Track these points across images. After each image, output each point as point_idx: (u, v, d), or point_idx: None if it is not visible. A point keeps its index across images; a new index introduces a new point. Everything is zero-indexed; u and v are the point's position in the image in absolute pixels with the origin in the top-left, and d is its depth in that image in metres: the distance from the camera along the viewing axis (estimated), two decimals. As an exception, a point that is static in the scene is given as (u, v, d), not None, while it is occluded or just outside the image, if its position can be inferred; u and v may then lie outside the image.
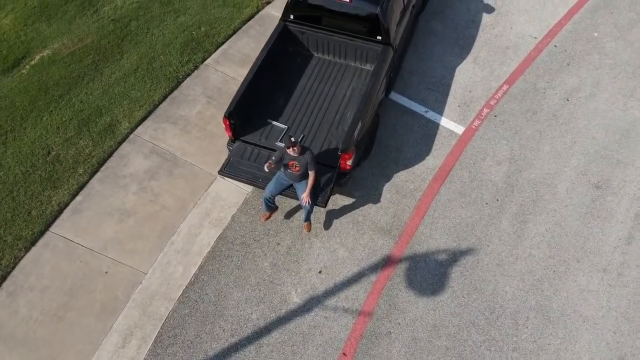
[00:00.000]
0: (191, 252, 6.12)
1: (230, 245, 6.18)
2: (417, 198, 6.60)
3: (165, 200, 6.50)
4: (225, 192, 6.60)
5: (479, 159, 6.96)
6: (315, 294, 5.85)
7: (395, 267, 6.05)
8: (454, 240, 6.26)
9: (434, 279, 5.96)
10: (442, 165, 6.90)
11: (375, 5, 6.20)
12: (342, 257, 6.12)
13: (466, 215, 6.45)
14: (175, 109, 7.34)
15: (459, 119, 7.36)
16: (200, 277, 5.95)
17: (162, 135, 7.06)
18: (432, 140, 7.14)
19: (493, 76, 7.86)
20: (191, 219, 6.38)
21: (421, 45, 8.20)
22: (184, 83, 7.61)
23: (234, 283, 5.91)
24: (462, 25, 8.51)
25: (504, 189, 6.67)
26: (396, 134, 7.18)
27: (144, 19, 8.32)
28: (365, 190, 6.64)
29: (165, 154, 6.89)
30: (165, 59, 7.79)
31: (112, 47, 7.94)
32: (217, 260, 6.06)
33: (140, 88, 7.46)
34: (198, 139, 7.05)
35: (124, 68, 7.68)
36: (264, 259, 6.09)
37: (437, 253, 6.15)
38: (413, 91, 7.64)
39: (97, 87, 7.47)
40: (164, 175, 6.70)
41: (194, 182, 6.67)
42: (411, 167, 6.87)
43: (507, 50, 8.19)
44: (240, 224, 6.34)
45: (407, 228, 6.34)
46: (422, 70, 7.89)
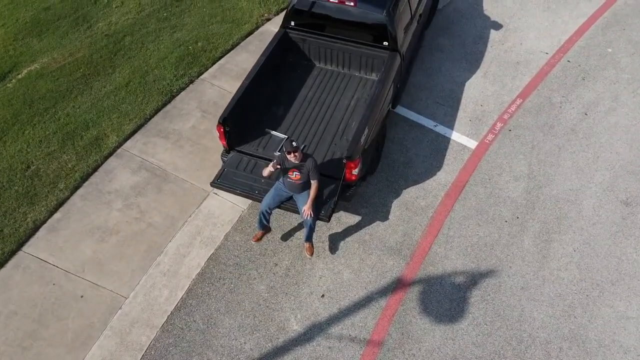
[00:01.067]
0: (179, 274, 5.47)
1: (222, 266, 5.54)
2: (429, 215, 6.00)
3: (153, 218, 5.91)
4: (219, 209, 6.01)
5: (495, 175, 6.42)
6: (317, 320, 5.15)
7: (408, 291, 5.38)
8: (472, 260, 5.61)
9: (452, 304, 5.28)
10: (455, 180, 6.35)
11: (382, 9, 5.84)
12: (348, 279, 5.46)
13: (484, 234, 5.84)
14: (167, 122, 6.87)
15: (471, 133, 6.88)
16: (188, 301, 5.27)
17: (153, 149, 6.55)
18: (443, 155, 6.62)
19: (505, 90, 7.43)
20: (180, 237, 5.77)
21: (428, 60, 7.84)
22: (178, 97, 7.19)
23: (225, 308, 5.23)
24: (470, 41, 8.18)
25: (524, 206, 6.09)
26: (404, 148, 6.67)
27: (139, 34, 8.00)
28: (371, 208, 6.06)
29: (155, 169, 6.36)
30: (159, 73, 7.40)
31: (104, 61, 7.57)
32: (207, 283, 5.40)
33: (131, 101, 7.02)
34: (191, 154, 6.54)
35: (115, 82, 7.28)
36: (259, 282, 5.43)
37: (453, 275, 5.50)
38: (421, 105, 7.20)
39: (85, 101, 7.03)
40: (152, 191, 6.14)
41: (184, 198, 6.10)
42: (421, 182, 6.32)
43: (518, 65, 7.81)
44: (235, 244, 5.72)
45: (419, 248, 5.71)
46: (430, 85, 7.48)
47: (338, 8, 5.98)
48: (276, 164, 5.00)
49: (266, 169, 4.99)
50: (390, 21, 5.87)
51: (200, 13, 8.45)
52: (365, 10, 5.90)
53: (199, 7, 8.57)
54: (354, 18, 6.00)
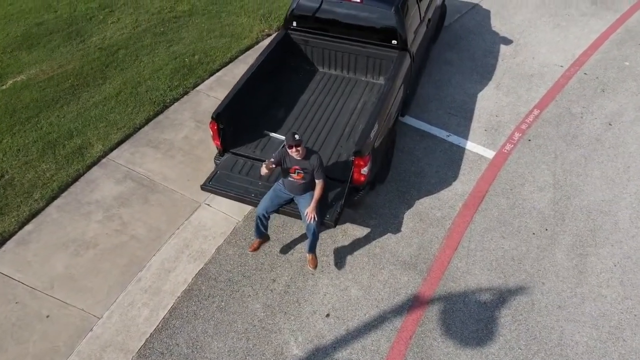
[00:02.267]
0: (162, 292, 4.75)
1: (212, 282, 4.83)
2: (446, 227, 5.34)
3: (136, 230, 5.25)
4: (211, 221, 5.37)
5: (517, 185, 5.81)
6: (321, 343, 4.38)
7: (426, 310, 4.63)
8: (499, 276, 4.90)
9: (479, 324, 4.52)
10: (473, 191, 5.73)
11: (390, 5, 5.47)
12: (356, 296, 4.73)
13: (510, 247, 5.16)
14: (158, 132, 6.35)
15: (488, 143, 6.33)
16: (171, 322, 4.52)
17: (140, 159, 5.99)
18: (459, 165, 6.04)
19: (520, 102, 6.97)
20: (166, 251, 5.09)
21: (436, 73, 7.43)
22: (171, 107, 6.72)
23: (214, 330, 4.47)
24: (479, 55, 7.82)
25: (553, 217, 5.44)
26: (415, 158, 6.11)
27: (134, 48, 7.65)
28: (381, 219, 5.41)
29: (142, 179, 5.77)
30: (152, 84, 6.97)
31: (95, 72, 7.17)
32: (194, 302, 4.67)
33: (121, 111, 6.54)
34: (182, 163, 5.97)
35: (105, 92, 6.84)
36: (254, 300, 4.70)
37: (478, 292, 4.77)
38: (431, 116, 6.70)
39: (71, 110, 6.56)
40: (137, 201, 5.52)
41: (173, 209, 5.47)
42: (436, 193, 5.70)
43: (532, 77, 7.40)
44: (227, 258, 5.03)
45: (436, 262, 5.02)
46: (440, 96, 7.02)
47: (343, 5, 5.61)
48: (275, 161, 4.43)
49: (264, 168, 4.40)
50: (399, 18, 5.48)
51: (199, 28, 8.16)
52: (373, 7, 5.52)
53: (197, 23, 8.30)
54: (360, 16, 5.62)
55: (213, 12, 8.59)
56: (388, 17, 5.49)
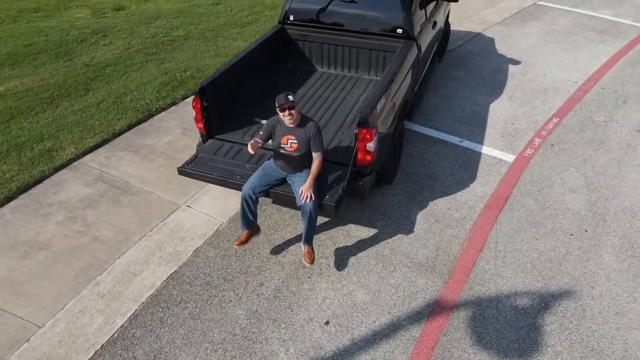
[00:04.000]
0: (123, 297, 3.85)
1: (186, 286, 3.94)
2: (467, 228, 4.52)
3: (100, 232, 4.44)
4: (190, 223, 4.57)
5: (545, 186, 5.06)
6: (319, 355, 3.42)
7: (450, 316, 3.70)
8: (536, 279, 4.01)
9: (518, 333, 3.56)
10: (494, 192, 4.98)
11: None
12: (363, 302, 3.81)
13: (546, 248, 4.30)
14: (140, 138, 5.74)
15: (506, 148, 5.67)
16: (130, 331, 3.58)
17: (116, 162, 5.31)
18: (475, 168, 5.34)
19: (537, 111, 6.41)
20: (133, 253, 4.25)
21: (442, 88, 6.96)
22: (157, 116, 6.16)
23: (183, 340, 3.52)
24: (487, 73, 7.40)
25: (592, 219, 4.63)
26: (425, 162, 5.42)
27: (123, 65, 7.27)
28: (390, 220, 4.61)
29: (115, 181, 5.06)
30: (138, 94, 6.47)
31: (78, 84, 6.71)
32: (161, 308, 3.76)
33: (100, 118, 5.97)
34: (163, 166, 5.28)
35: (86, 102, 6.32)
36: (237, 306, 3.78)
37: (513, 296, 3.85)
38: (441, 124, 6.11)
39: (46, 117, 5.99)
40: (106, 203, 4.76)
41: (146, 211, 4.69)
42: (452, 194, 4.94)
43: (546, 91, 6.91)
44: (206, 260, 4.18)
45: (459, 264, 4.15)
46: (449, 107, 6.48)
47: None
48: (265, 135, 3.76)
49: (250, 146, 3.70)
50: (404, 5, 5.07)
51: (193, 49, 7.85)
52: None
53: (192, 45, 8.01)
54: (362, 5, 5.23)
55: (209, 37, 8.35)
56: (392, 4, 5.09)
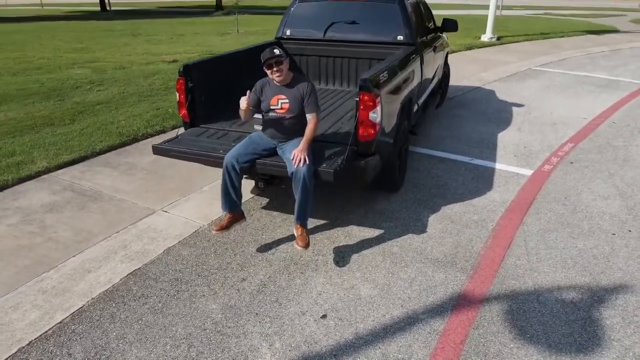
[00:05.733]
0: (69, 293, 3.10)
1: (150, 282, 3.19)
2: (488, 228, 3.86)
3: (58, 233, 3.78)
4: (165, 225, 3.92)
5: (571, 194, 4.47)
6: (313, 350, 2.59)
7: (480, 310, 2.91)
8: (581, 274, 3.27)
9: (571, 326, 2.76)
10: (515, 199, 4.37)
11: (393, 1, 5.00)
12: (369, 295, 3.05)
13: (586, 246, 3.60)
14: (121, 157, 5.28)
15: (521, 165, 5.17)
16: (70, 327, 2.79)
17: (91, 176, 4.79)
18: (490, 180, 4.79)
19: (549, 138, 6.00)
20: (92, 252, 3.55)
21: (446, 121, 6.65)
22: (143, 141, 5.75)
23: (136, 335, 2.71)
24: (491, 112, 7.15)
25: (634, 220, 3.98)
26: (434, 175, 4.88)
27: (115, 104, 7.06)
28: (398, 222, 3.96)
29: (85, 190, 4.49)
30: (126, 123, 6.14)
31: (64, 116, 6.43)
32: (115, 303, 2.99)
33: (81, 140, 5.57)
34: (142, 180, 4.75)
35: (70, 129, 5.96)
36: (211, 300, 3.01)
37: (557, 290, 3.09)
38: (447, 147, 5.67)
39: (24, 139, 5.59)
40: (71, 209, 4.15)
41: (116, 215, 4.07)
42: (467, 200, 4.34)
43: (555, 124, 6.58)
44: (179, 258, 3.47)
45: (484, 260, 3.42)
46: (454, 135, 6.10)
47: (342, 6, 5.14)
48: (253, 99, 3.32)
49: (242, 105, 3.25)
50: (404, 12, 4.94)
51: (189, 93, 7.69)
52: (374, 3, 5.04)
53: (188, 91, 7.87)
54: (361, 15, 5.10)
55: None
56: (392, 12, 4.95)
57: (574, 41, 15.45)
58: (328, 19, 5.20)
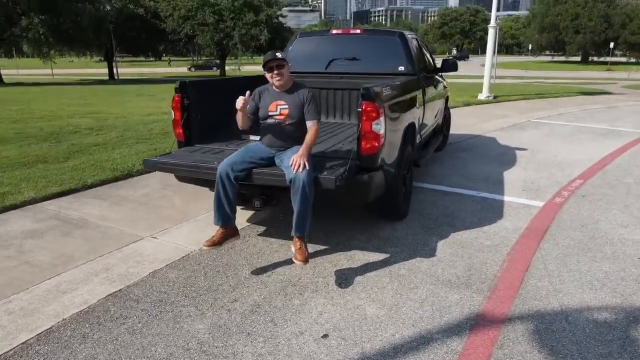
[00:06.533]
0: (39, 313, 2.76)
1: (131, 303, 2.86)
2: (503, 252, 3.56)
3: (35, 257, 3.49)
4: (153, 250, 3.63)
5: (588, 223, 4.20)
6: (312, 368, 2.23)
7: (503, 330, 2.57)
8: (612, 295, 2.94)
9: (609, 346, 2.41)
10: (528, 227, 4.10)
11: (393, 33, 5.03)
12: (375, 315, 2.71)
13: (612, 269, 3.30)
14: (113, 190, 5.07)
15: (531, 197, 4.94)
16: (34, 348, 2.44)
17: (78, 206, 4.56)
18: (499, 210, 4.54)
19: (556, 176, 5.81)
20: (69, 275, 3.24)
21: (449, 162, 6.50)
22: (137, 177, 5.56)
23: (109, 356, 2.36)
24: (494, 155, 7.02)
25: (658, 246, 3.70)
26: (440, 206, 4.64)
27: (112, 145, 6.95)
28: (404, 247, 3.67)
29: (71, 219, 4.24)
30: (121, 161, 5.99)
31: (58, 155, 6.28)
32: (89, 324, 2.65)
33: (73, 174, 5.38)
34: (132, 210, 4.51)
35: (62, 165, 5.80)
36: (197, 320, 2.67)
37: (587, 311, 2.76)
38: (452, 182, 5.47)
39: (15, 174, 5.39)
40: (53, 235, 3.88)
41: (101, 241, 3.78)
42: (477, 228, 4.07)
43: (561, 165, 6.42)
44: (165, 280, 3.15)
45: (501, 282, 3.11)
46: (458, 173, 5.92)
47: (341, 39, 5.16)
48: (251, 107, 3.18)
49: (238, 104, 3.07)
50: (405, 44, 4.95)
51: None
52: (375, 36, 5.08)
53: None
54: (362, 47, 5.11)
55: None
56: (393, 44, 4.96)
57: (570, 100, 15.76)
58: (329, 53, 5.21)
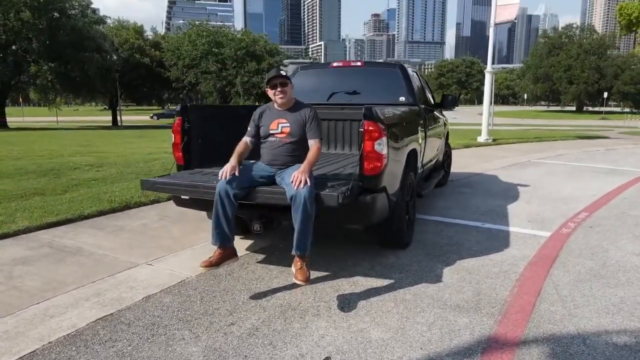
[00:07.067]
0: (23, 337, 2.61)
1: (121, 326, 2.71)
2: (512, 278, 3.43)
3: (24, 283, 3.36)
4: (147, 276, 3.50)
5: (599, 251, 4.08)
6: (314, 389, 2.06)
7: (517, 352, 2.40)
8: (629, 319, 2.79)
9: (632, 370, 2.25)
10: (537, 254, 3.98)
11: (394, 65, 5.10)
12: (380, 338, 2.55)
13: (628, 295, 3.15)
14: (110, 221, 4.97)
15: (537, 228, 4.82)
16: (14, 370, 2.28)
17: (74, 236, 4.45)
18: (506, 239, 4.42)
19: (561, 209, 5.72)
20: (59, 300, 3.10)
21: (452, 197, 6.42)
22: (135, 209, 5.48)
23: (94, 377, 2.20)
24: (496, 190, 6.95)
25: (673, 273, 3.56)
26: (445, 236, 4.53)
27: (111, 180, 6.90)
28: (409, 273, 3.53)
29: (65, 247, 4.12)
30: (120, 193, 5.92)
31: (56, 188, 6.22)
32: (76, 347, 2.50)
33: (70, 206, 5.30)
34: (128, 239, 4.40)
35: (60, 198, 5.72)
36: (192, 344, 2.52)
37: (605, 334, 2.60)
38: (456, 215, 5.37)
39: (11, 205, 5.31)
40: (45, 262, 3.76)
41: (95, 267, 3.66)
42: (484, 256, 3.94)
43: (565, 199, 6.33)
44: (159, 304, 3.01)
45: (512, 306, 2.96)
46: (461, 206, 5.83)
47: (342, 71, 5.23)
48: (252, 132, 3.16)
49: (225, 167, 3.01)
50: (405, 75, 5.00)
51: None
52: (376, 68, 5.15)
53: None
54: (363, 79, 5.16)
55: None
56: (394, 76, 5.01)
57: (568, 142, 15.87)
58: (330, 84, 5.26)
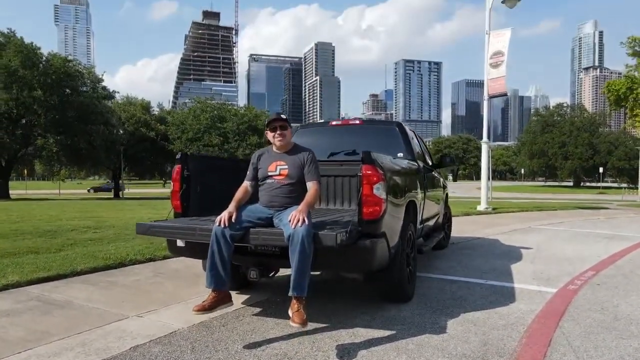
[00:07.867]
0: (-2, 384, 2.44)
1: (104, 374, 2.54)
2: (519, 330, 3.27)
3: (8, 333, 3.21)
4: (137, 327, 3.34)
5: (609, 306, 3.92)
6: None
7: (531, 399, 2.22)
8: (648, 368, 2.62)
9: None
10: (544, 309, 3.82)
11: (391, 123, 5.24)
12: (383, 385, 2.38)
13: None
14: (103, 277, 4.84)
15: (543, 285, 4.68)
16: (-15, 416, 2.11)
17: (64, 290, 4.31)
18: (511, 295, 4.27)
19: (566, 269, 5.58)
20: (42, 349, 2.94)
21: (454, 257, 6.30)
22: (130, 266, 5.35)
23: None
24: (499, 252, 6.83)
25: (688, 326, 3.39)
26: (448, 291, 4.38)
27: (107, 239, 6.81)
28: (411, 325, 3.38)
29: (54, 300, 3.98)
30: (115, 252, 5.81)
31: (50, 247, 6.13)
32: (53, 394, 2.32)
33: (63, 262, 5.17)
34: (120, 293, 4.27)
35: (53, 255, 5.62)
36: (177, 390, 2.34)
37: (623, 382, 2.42)
38: (458, 273, 5.24)
39: (2, 261, 5.20)
40: (31, 314, 3.61)
41: (83, 319, 3.51)
42: (489, 309, 3.79)
43: (570, 260, 6.21)
44: (146, 354, 2.85)
45: (522, 356, 2.79)
46: (463, 266, 5.71)
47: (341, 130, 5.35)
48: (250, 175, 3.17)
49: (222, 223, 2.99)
50: (403, 132, 5.11)
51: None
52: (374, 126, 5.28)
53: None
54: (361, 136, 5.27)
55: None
56: (392, 133, 5.12)
57: (569, 212, 15.85)
58: (329, 143, 5.35)
